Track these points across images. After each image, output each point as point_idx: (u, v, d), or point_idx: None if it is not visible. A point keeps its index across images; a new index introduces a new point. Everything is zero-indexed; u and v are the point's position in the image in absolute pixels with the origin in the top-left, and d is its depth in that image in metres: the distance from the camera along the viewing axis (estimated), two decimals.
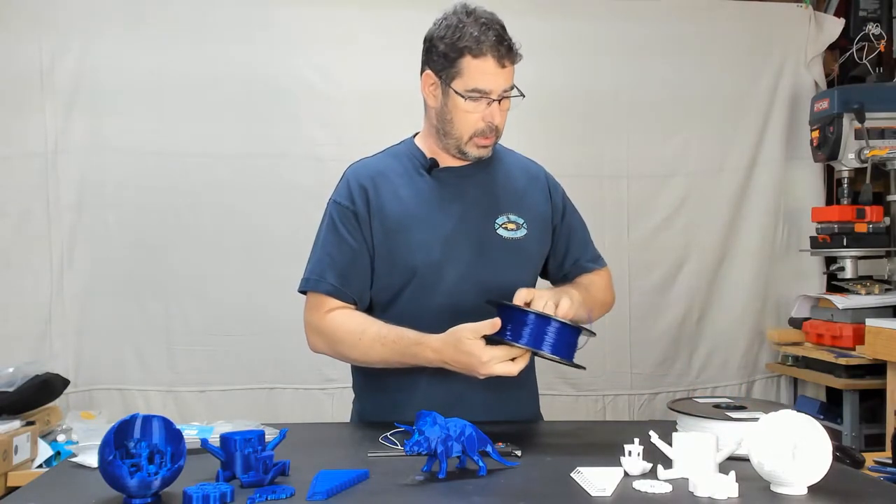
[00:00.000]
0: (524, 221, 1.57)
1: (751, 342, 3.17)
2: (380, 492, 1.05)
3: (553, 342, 1.29)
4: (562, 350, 1.29)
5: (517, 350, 1.31)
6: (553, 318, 1.29)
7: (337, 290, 1.50)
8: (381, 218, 1.51)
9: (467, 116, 1.48)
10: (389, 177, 1.55)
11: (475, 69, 1.45)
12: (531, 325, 1.29)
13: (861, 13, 3.14)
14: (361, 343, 1.45)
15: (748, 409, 1.26)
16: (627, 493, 1.04)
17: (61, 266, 2.80)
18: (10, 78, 2.76)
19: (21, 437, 2.21)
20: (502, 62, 1.45)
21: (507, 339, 1.29)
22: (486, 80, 1.45)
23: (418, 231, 1.50)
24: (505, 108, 1.50)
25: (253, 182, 2.88)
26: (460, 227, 1.52)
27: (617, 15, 3.10)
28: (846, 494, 1.04)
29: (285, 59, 2.92)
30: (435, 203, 1.53)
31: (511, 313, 1.31)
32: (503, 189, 1.59)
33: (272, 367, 2.86)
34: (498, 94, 1.46)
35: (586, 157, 3.05)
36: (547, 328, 1.28)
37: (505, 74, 1.46)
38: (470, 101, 1.46)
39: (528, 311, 1.29)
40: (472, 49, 1.44)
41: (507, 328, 1.29)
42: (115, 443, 1.00)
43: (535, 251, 1.59)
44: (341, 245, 1.51)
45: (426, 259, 1.49)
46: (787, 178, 3.19)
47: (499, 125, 1.50)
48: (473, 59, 1.44)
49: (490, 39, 1.44)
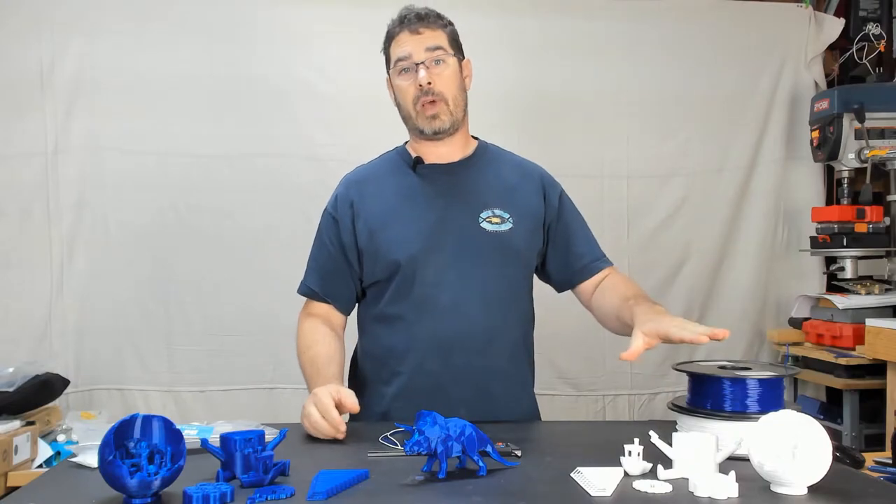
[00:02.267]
0: (510, 216, 1.58)
1: (751, 342, 3.17)
2: (380, 492, 1.05)
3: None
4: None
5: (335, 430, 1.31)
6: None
7: (312, 292, 1.64)
8: (366, 217, 1.58)
9: (404, 90, 1.57)
10: (377, 179, 1.63)
11: (395, 46, 1.58)
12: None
13: (861, 13, 3.14)
14: (302, 357, 1.58)
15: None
16: (627, 493, 1.04)
17: (61, 266, 2.80)
18: (10, 78, 2.76)
19: (21, 437, 2.21)
20: (414, 29, 1.55)
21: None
22: (403, 48, 1.56)
23: (400, 226, 1.56)
24: (441, 72, 1.55)
25: (253, 182, 2.88)
26: (442, 221, 1.56)
27: (617, 15, 3.10)
28: (846, 494, 1.04)
29: (285, 59, 2.91)
30: (419, 199, 1.58)
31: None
32: (490, 185, 1.62)
33: (272, 367, 2.87)
34: (420, 58, 1.54)
35: (586, 157, 3.04)
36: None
37: (421, 38, 1.55)
38: (402, 76, 1.56)
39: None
40: (391, 33, 1.59)
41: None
42: (115, 443, 1.00)
43: (520, 245, 1.60)
44: (321, 250, 1.64)
45: (407, 252, 1.54)
46: (787, 178, 3.19)
47: (441, 90, 1.55)
48: (393, 40, 1.58)
49: (400, 17, 1.58)
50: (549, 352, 2.85)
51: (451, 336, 1.52)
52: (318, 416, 1.32)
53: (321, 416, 1.32)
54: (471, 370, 1.53)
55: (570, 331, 2.84)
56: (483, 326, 1.54)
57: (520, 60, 3.03)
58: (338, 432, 1.31)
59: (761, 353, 3.18)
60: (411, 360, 1.54)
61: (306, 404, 1.37)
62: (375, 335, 1.61)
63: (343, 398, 1.35)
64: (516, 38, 3.03)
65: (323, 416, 1.32)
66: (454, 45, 1.59)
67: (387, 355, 1.57)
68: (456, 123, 1.59)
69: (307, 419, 1.34)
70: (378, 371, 1.59)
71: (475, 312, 1.54)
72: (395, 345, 1.56)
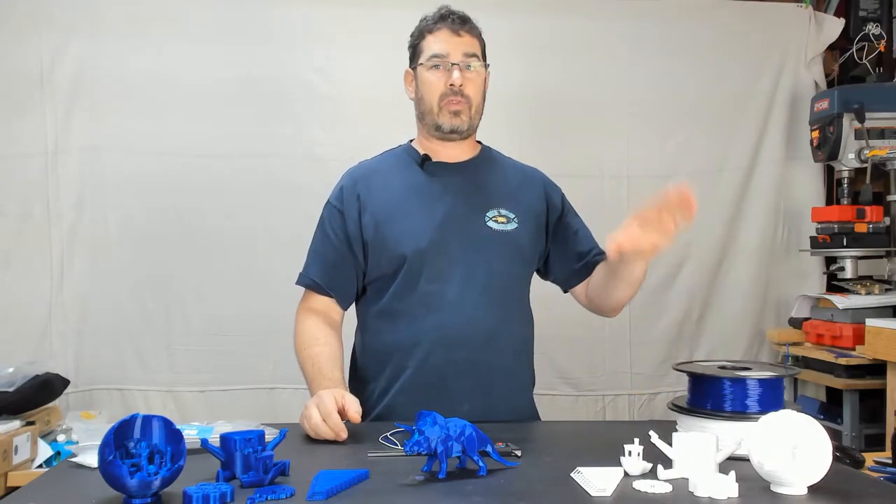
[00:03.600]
0: (515, 216, 1.61)
1: (751, 342, 3.17)
2: (380, 492, 1.05)
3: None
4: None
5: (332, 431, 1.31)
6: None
7: (315, 284, 1.62)
8: (372, 210, 1.58)
9: (432, 85, 1.57)
10: (383, 173, 1.64)
11: (432, 41, 1.58)
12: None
13: (861, 13, 3.14)
14: (301, 354, 1.58)
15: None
16: (627, 493, 1.04)
17: (61, 266, 2.80)
18: (10, 78, 2.76)
19: (21, 437, 2.21)
20: (456, 31, 1.57)
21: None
22: (441, 46, 1.56)
23: (408, 220, 1.56)
24: (472, 78, 1.57)
25: (253, 182, 2.88)
26: (450, 218, 1.57)
27: (617, 15, 3.10)
28: (846, 494, 1.04)
29: (285, 59, 2.91)
30: (426, 194, 1.59)
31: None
32: (496, 185, 1.64)
33: (272, 367, 2.87)
34: (457, 59, 1.55)
35: (586, 157, 3.04)
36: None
37: (461, 42, 1.57)
38: (433, 70, 1.57)
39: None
40: (428, 27, 1.59)
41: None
42: (115, 443, 1.00)
43: (525, 244, 1.62)
44: (325, 242, 1.62)
45: (415, 247, 1.54)
46: (787, 178, 3.19)
47: (469, 94, 1.57)
48: (430, 34, 1.59)
49: (442, 14, 1.59)
50: (549, 352, 2.85)
51: (455, 332, 1.52)
52: (318, 418, 1.32)
53: (322, 420, 1.32)
54: (474, 366, 1.53)
55: (570, 331, 2.84)
56: (487, 322, 1.55)
57: (520, 60, 3.02)
58: (338, 437, 1.31)
59: (761, 353, 3.18)
60: (416, 355, 1.54)
61: (308, 405, 1.36)
62: (378, 331, 1.60)
63: (347, 405, 1.34)
64: (516, 37, 3.03)
65: (324, 420, 1.32)
66: (483, 54, 1.62)
67: (390, 351, 1.57)
68: (472, 128, 1.62)
69: (308, 420, 1.34)
70: (380, 367, 1.59)
71: (479, 309, 1.54)
72: (400, 340, 1.55)
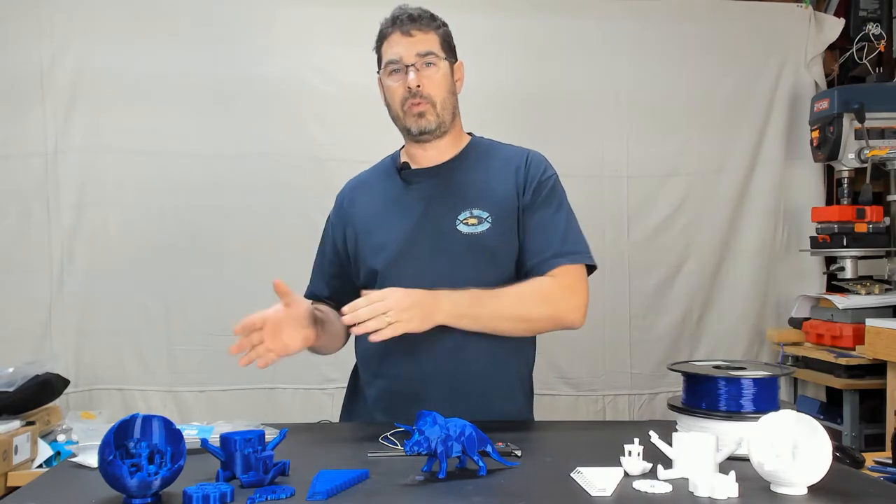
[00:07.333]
0: (489, 215, 1.53)
1: (751, 342, 3.17)
2: (380, 492, 1.05)
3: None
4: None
5: None
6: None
7: (312, 294, 1.69)
8: (353, 224, 1.62)
9: (394, 91, 1.55)
10: (369, 185, 1.66)
11: (387, 47, 1.56)
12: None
13: (861, 13, 3.14)
14: None
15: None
16: (627, 493, 1.03)
17: (61, 266, 2.80)
18: (10, 78, 2.76)
19: (21, 437, 2.21)
20: (406, 32, 1.53)
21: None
22: (394, 50, 1.54)
23: (380, 233, 1.58)
24: (431, 75, 1.54)
25: (252, 182, 2.88)
26: (421, 226, 1.55)
27: (617, 15, 3.10)
28: (846, 494, 1.04)
29: (285, 59, 2.92)
30: (401, 204, 1.59)
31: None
32: (473, 183, 1.57)
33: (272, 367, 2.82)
34: (410, 60, 1.52)
35: (586, 157, 3.04)
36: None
37: (413, 42, 1.53)
38: (392, 76, 1.55)
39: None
40: (383, 34, 1.57)
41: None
42: (115, 443, 1.00)
43: (498, 245, 1.53)
44: (322, 255, 1.70)
45: (385, 259, 1.55)
46: (787, 178, 3.19)
47: (430, 93, 1.54)
48: (385, 40, 1.56)
49: (393, 17, 1.55)
50: (549, 352, 2.85)
51: (421, 343, 1.45)
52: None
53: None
54: (445, 375, 1.50)
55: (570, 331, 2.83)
56: (452, 331, 1.46)
57: (520, 60, 3.03)
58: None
59: (761, 353, 3.18)
60: (387, 365, 1.54)
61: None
62: (360, 340, 1.60)
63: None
64: (516, 38, 3.03)
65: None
66: (446, 48, 1.56)
67: (368, 360, 1.59)
68: (443, 126, 1.56)
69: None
70: (363, 374, 1.62)
71: None
72: (377, 350, 1.52)
